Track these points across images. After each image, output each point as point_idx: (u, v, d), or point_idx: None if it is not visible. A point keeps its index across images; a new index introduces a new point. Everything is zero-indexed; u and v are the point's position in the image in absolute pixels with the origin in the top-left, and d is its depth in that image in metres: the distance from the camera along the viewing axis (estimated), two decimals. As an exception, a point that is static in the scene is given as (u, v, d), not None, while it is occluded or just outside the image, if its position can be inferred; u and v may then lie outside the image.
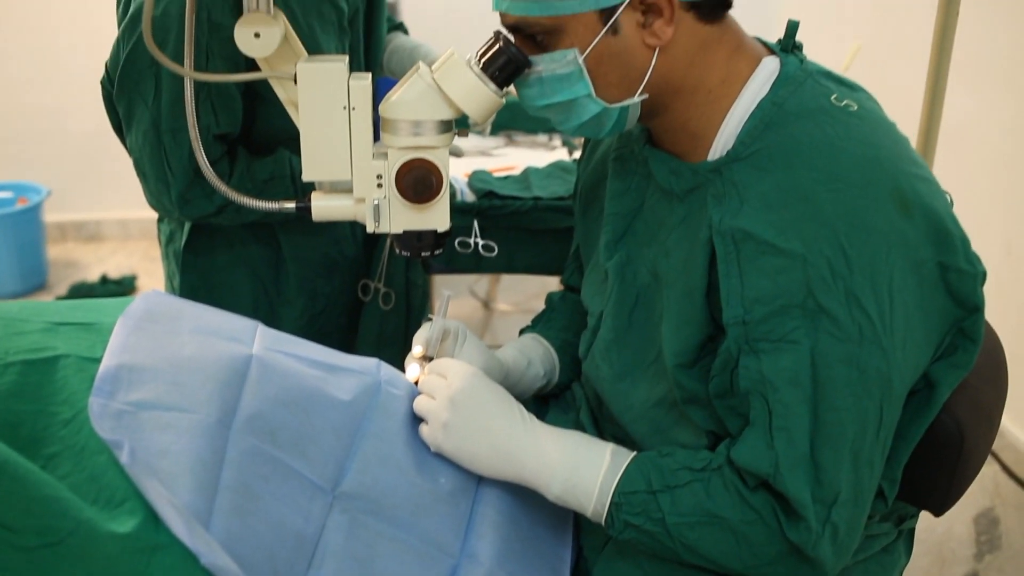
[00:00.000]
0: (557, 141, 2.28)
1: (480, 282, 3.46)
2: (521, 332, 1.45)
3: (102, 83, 1.51)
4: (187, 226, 1.62)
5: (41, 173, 3.94)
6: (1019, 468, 2.65)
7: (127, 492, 0.89)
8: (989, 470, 2.68)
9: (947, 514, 2.45)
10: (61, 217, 4.07)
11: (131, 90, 1.44)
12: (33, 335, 1.00)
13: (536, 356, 1.37)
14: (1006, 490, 2.60)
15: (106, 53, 1.48)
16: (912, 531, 1.23)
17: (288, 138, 1.11)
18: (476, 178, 1.82)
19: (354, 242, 1.74)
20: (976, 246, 1.03)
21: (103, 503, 0.88)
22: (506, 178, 1.85)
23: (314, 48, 1.45)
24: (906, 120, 1.73)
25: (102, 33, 1.72)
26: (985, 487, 2.61)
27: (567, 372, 1.40)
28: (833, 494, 0.96)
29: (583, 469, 1.05)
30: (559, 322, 1.43)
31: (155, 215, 1.72)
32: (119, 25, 1.44)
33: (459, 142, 2.17)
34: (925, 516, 2.26)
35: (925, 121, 1.72)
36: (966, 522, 2.47)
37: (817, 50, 1.25)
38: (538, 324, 1.45)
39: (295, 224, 1.62)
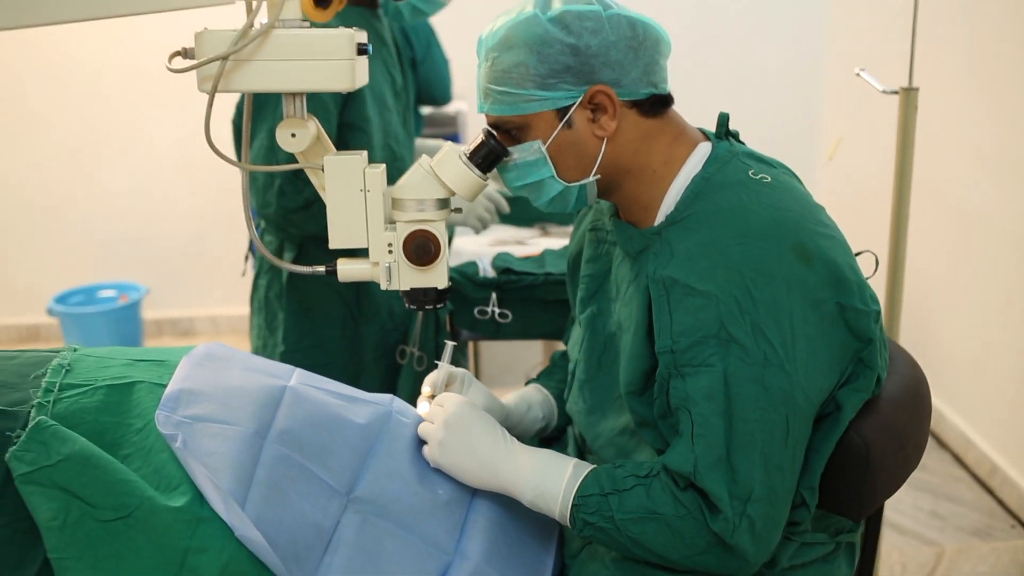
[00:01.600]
0: None
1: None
2: (526, 383, 1.69)
3: (233, 122, 2.01)
4: (285, 271, 2.05)
5: (141, 274, 4.33)
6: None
7: (181, 479, 1.15)
8: (1022, 543, 2.77)
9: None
10: (158, 314, 4.41)
11: (256, 115, 1.88)
12: (117, 367, 1.29)
13: (536, 402, 1.60)
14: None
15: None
16: (853, 545, 1.40)
17: None
18: (499, 258, 2.07)
19: None
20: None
21: (163, 488, 1.15)
22: (526, 259, 2.10)
23: (381, 97, 2.02)
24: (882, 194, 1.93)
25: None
26: (1017, 560, 2.70)
27: (564, 417, 1.63)
28: (747, 492, 1.16)
29: (550, 479, 1.27)
30: (558, 375, 1.67)
31: (243, 311, 2.10)
32: None
33: (501, 233, 2.51)
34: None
35: (896, 195, 1.93)
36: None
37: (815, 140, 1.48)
38: (541, 376, 1.69)
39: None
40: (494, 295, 1.98)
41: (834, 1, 4.13)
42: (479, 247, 2.34)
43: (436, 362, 1.48)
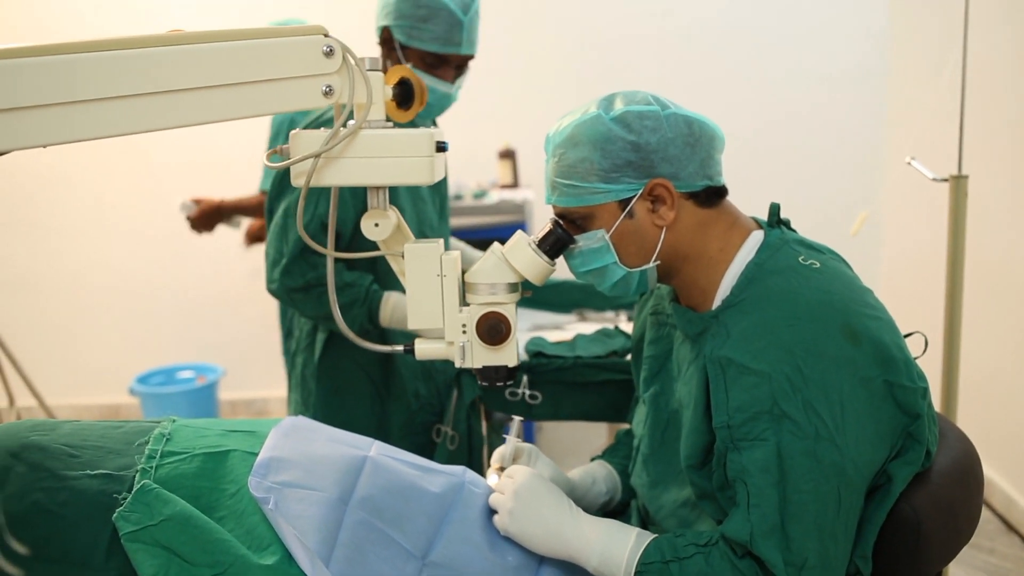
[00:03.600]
0: (623, 317, 2.62)
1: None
2: (591, 460, 1.76)
3: (268, 193, 2.14)
4: (319, 348, 2.15)
5: (218, 356, 4.49)
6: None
7: (271, 539, 1.25)
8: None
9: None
10: (234, 395, 4.56)
11: (278, 196, 2.05)
12: (212, 437, 1.40)
13: (600, 476, 1.68)
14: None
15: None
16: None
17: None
18: (531, 343, 2.14)
19: None
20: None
21: (255, 547, 1.24)
22: (559, 343, 2.16)
23: (415, 187, 2.09)
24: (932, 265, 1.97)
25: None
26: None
27: (628, 491, 1.69)
28: (801, 559, 1.22)
29: (615, 547, 1.34)
30: (622, 452, 1.74)
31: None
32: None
33: (540, 319, 2.64)
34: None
35: (950, 278, 1.99)
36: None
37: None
38: (606, 453, 1.76)
39: (401, 338, 2.10)
40: (525, 377, 2.04)
41: (892, 90, 4.23)
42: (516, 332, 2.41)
43: (504, 436, 1.57)
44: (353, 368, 2.20)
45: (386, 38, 2.11)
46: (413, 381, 2.22)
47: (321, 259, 2.01)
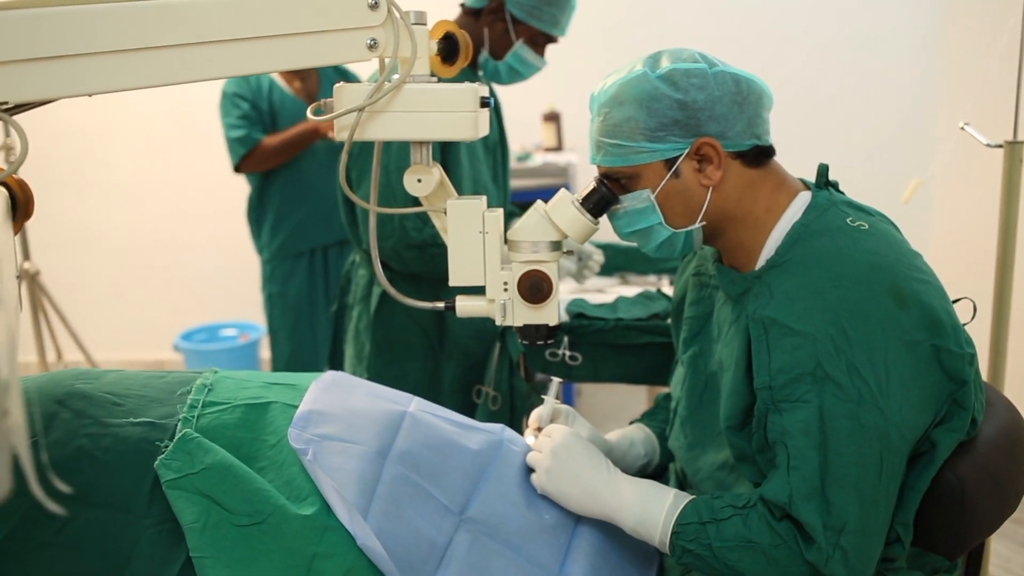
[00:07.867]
0: (665, 281, 2.59)
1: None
2: (630, 423, 1.75)
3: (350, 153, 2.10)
4: (375, 300, 2.16)
5: (260, 315, 4.52)
6: None
7: (310, 490, 1.25)
8: None
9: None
10: (275, 353, 4.62)
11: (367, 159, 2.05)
12: (254, 388, 1.41)
13: (638, 439, 1.67)
14: None
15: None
16: (948, 586, 1.43)
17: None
18: (573, 304, 2.13)
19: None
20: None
21: (293, 498, 1.25)
22: (600, 305, 2.14)
23: (472, 148, 2.14)
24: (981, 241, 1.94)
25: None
26: None
27: (666, 455, 1.69)
28: (841, 523, 1.20)
29: (652, 507, 1.33)
30: (661, 415, 1.73)
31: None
32: None
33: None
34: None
35: (1001, 245, 1.95)
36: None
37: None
38: (644, 416, 1.75)
39: None
40: (566, 339, 2.03)
41: (946, 54, 4.13)
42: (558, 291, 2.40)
43: (542, 396, 1.56)
44: (408, 323, 2.21)
45: (495, 7, 2.16)
46: (466, 339, 2.24)
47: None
